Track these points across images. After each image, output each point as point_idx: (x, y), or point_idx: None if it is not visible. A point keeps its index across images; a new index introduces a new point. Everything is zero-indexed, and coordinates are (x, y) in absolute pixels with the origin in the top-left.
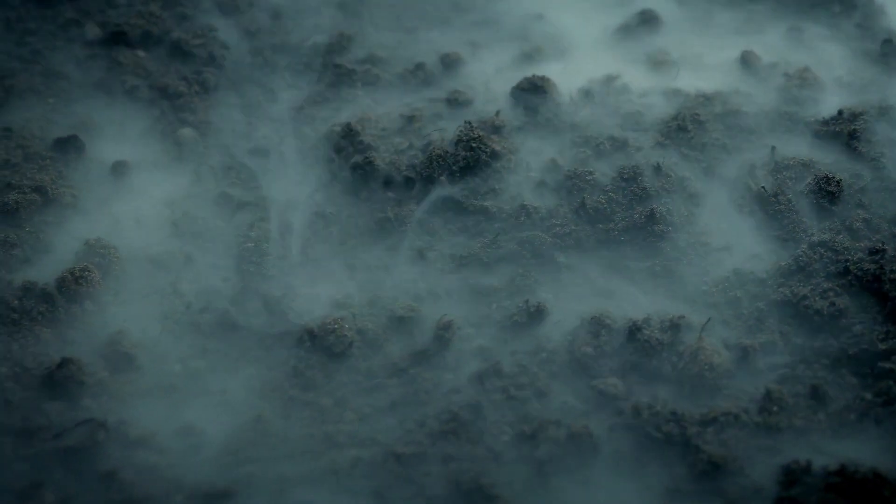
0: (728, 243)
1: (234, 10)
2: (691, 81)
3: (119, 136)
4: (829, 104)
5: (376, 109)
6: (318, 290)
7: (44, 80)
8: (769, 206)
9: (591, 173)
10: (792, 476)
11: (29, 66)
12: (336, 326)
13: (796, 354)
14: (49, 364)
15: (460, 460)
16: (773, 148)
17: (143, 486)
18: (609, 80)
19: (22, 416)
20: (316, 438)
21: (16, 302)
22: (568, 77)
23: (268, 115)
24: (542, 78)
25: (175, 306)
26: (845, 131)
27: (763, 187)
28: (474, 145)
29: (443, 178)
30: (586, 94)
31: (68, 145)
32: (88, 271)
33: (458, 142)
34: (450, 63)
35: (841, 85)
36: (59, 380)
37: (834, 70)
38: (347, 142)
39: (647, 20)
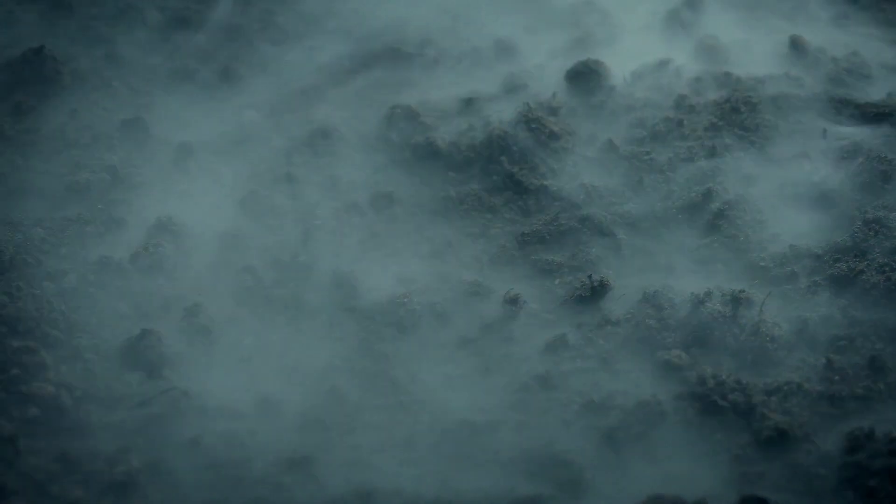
0: (783, 220)
1: None
2: (741, 65)
3: (182, 118)
4: (878, 87)
5: (435, 92)
6: (386, 266)
7: (107, 64)
8: (822, 184)
9: (647, 153)
10: (856, 442)
11: (92, 51)
12: (405, 300)
13: (854, 327)
14: (128, 336)
15: (532, 428)
16: (825, 129)
17: (226, 452)
18: (661, 63)
19: (105, 385)
20: (390, 408)
21: (92, 277)
22: (620, 61)
23: (328, 97)
24: (596, 62)
25: (247, 282)
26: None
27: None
28: (533, 126)
29: (503, 157)
30: (639, 77)
31: (134, 126)
32: (161, 247)
33: (517, 123)
34: (504, 48)
35: (889, 69)
36: (140, 350)
37: (881, 54)
38: (408, 123)
39: (694, 6)
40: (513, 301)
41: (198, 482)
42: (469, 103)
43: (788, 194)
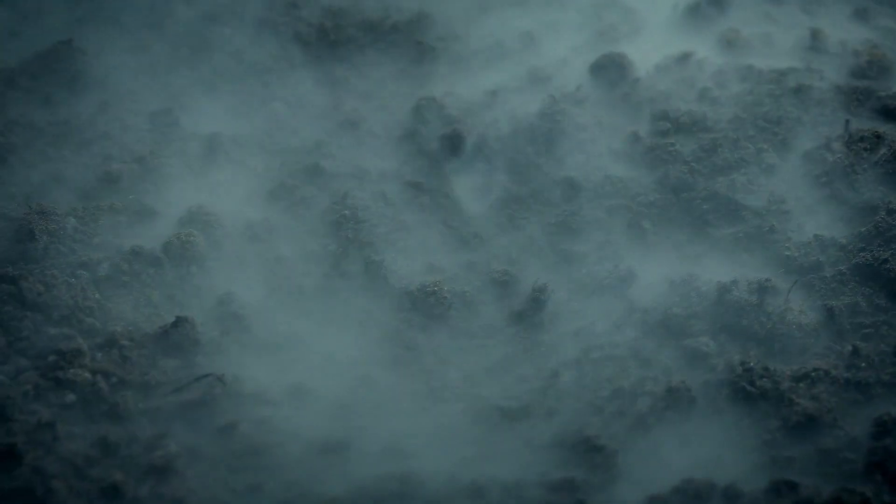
0: (807, 211)
1: None
2: (763, 58)
3: (211, 109)
4: None
5: (460, 84)
6: (415, 255)
7: (136, 56)
8: (845, 175)
9: (672, 145)
10: (883, 427)
11: (121, 43)
12: (435, 289)
13: (879, 315)
14: (162, 324)
15: (564, 414)
16: (847, 121)
17: (262, 437)
18: (684, 56)
19: (140, 371)
20: (422, 394)
21: (126, 265)
22: (643, 54)
23: (354, 89)
24: (620, 55)
25: (278, 270)
26: None
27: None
28: (559, 118)
29: (529, 149)
30: (663, 70)
31: (163, 118)
32: (193, 236)
33: (542, 115)
34: (527, 40)
35: None
36: (175, 338)
37: None
38: (434, 115)
39: (716, 0)
40: (541, 290)
41: (235, 467)
42: (494, 95)
43: (812, 185)
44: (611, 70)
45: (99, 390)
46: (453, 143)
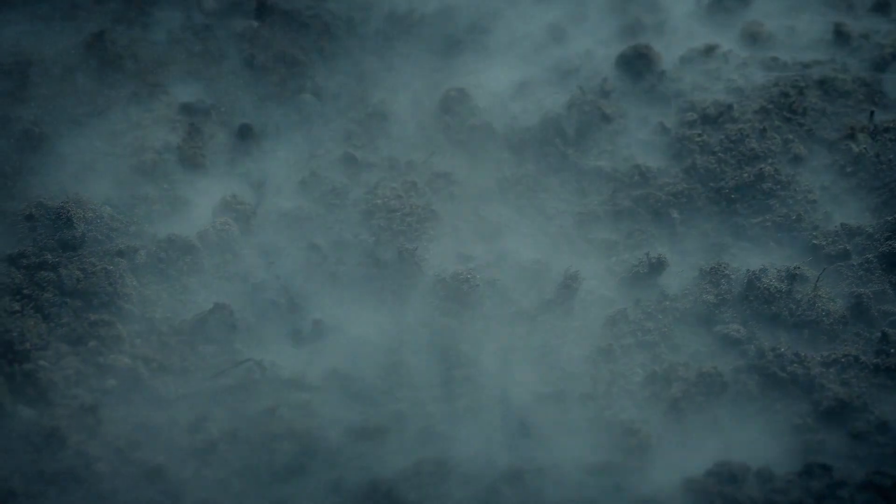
0: (833, 200)
1: None
2: (787, 51)
3: (241, 101)
4: None
5: (488, 76)
6: (446, 244)
7: (165, 49)
8: (871, 165)
9: (699, 135)
10: None
11: (149, 36)
12: (468, 277)
13: None
14: (199, 310)
15: (598, 399)
16: (873, 112)
17: (302, 421)
18: (709, 49)
19: (179, 357)
20: (457, 380)
21: (162, 253)
22: (668, 47)
23: (382, 81)
24: (646, 47)
25: (312, 258)
26: None
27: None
28: (587, 109)
29: (557, 139)
30: (688, 62)
31: (194, 109)
32: (228, 225)
33: (570, 106)
34: (554, 33)
35: None
36: (213, 324)
37: None
38: (463, 106)
39: None
40: (572, 278)
41: (275, 450)
42: (521, 87)
43: (838, 175)
44: (637, 62)
45: (139, 375)
46: (482, 134)
